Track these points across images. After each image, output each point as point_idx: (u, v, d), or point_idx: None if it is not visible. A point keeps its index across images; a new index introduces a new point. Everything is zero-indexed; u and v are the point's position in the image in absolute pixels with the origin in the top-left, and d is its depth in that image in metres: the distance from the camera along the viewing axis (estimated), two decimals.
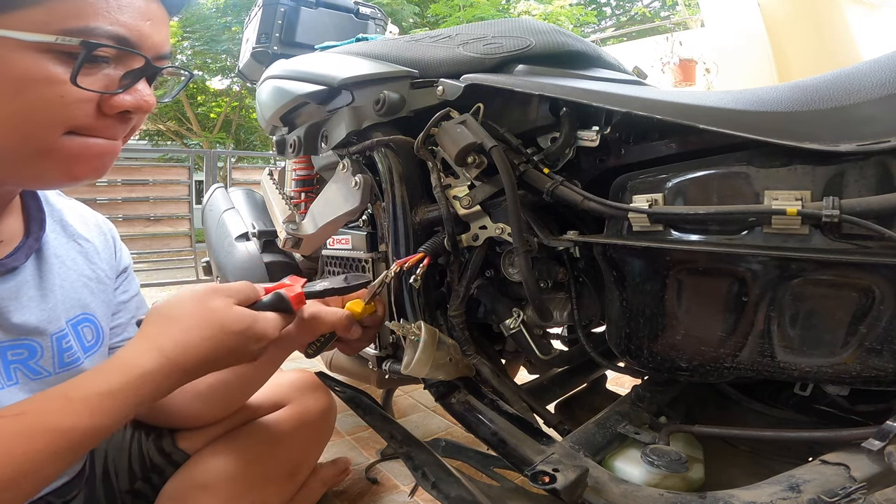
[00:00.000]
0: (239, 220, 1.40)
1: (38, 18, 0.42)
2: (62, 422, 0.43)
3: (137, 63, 0.48)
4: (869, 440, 0.45)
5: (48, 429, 0.43)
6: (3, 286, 0.54)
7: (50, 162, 0.47)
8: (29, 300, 0.57)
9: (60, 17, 0.42)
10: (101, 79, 0.46)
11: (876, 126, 0.44)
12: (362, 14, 1.35)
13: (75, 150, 0.47)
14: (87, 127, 0.47)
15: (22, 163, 0.47)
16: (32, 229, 0.59)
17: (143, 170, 4.23)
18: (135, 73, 0.48)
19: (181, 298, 0.53)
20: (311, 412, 0.86)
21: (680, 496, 0.50)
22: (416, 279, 0.68)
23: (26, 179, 0.51)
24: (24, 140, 0.45)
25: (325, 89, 0.84)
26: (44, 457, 0.42)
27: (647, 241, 0.54)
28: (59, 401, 0.44)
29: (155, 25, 0.49)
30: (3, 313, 0.54)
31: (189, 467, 0.74)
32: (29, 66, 0.42)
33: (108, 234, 0.72)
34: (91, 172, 0.49)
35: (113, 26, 0.45)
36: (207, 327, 0.52)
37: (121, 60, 0.48)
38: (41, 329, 0.57)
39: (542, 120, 0.67)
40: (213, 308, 0.53)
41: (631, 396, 0.69)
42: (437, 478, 0.58)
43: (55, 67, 0.43)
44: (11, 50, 0.42)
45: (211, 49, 8.75)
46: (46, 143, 0.46)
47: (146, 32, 0.48)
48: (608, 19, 13.20)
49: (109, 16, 0.44)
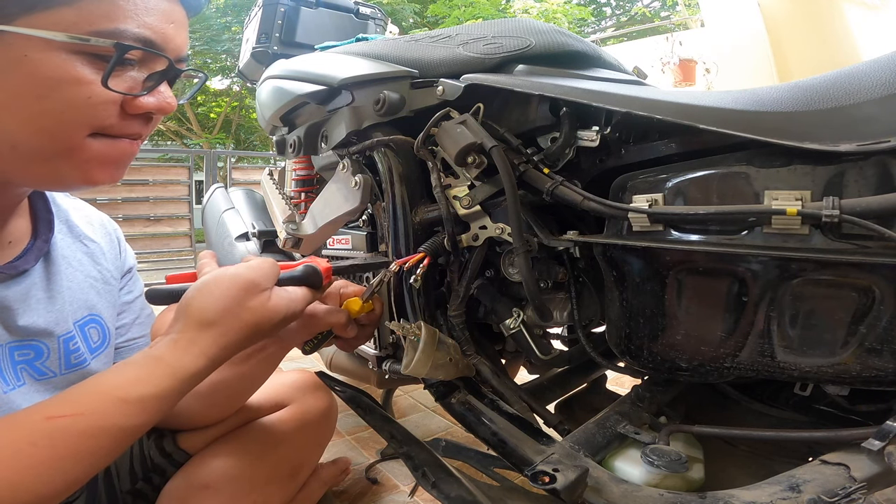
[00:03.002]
0: (239, 220, 1.40)
1: (68, 19, 0.42)
2: (122, 422, 0.45)
3: (160, 65, 0.49)
4: (869, 440, 0.45)
5: (110, 429, 0.45)
6: (12, 289, 0.54)
7: (71, 163, 0.47)
8: (37, 302, 0.57)
9: (91, 19, 0.42)
10: (127, 80, 0.46)
11: (876, 126, 0.44)
12: (362, 14, 1.35)
13: (100, 151, 0.47)
14: (111, 127, 0.47)
15: (44, 163, 0.47)
16: (41, 231, 0.59)
17: (143, 170, 4.22)
18: (158, 76, 0.48)
19: (217, 296, 0.52)
20: (313, 412, 0.86)
21: (680, 496, 0.50)
22: (416, 279, 0.68)
23: (44, 180, 0.51)
24: (49, 140, 0.45)
25: (325, 89, 0.84)
26: (104, 453, 0.45)
27: (646, 241, 0.54)
28: (116, 403, 0.46)
29: (177, 28, 0.49)
30: (11, 316, 0.54)
31: (190, 467, 0.74)
32: (58, 66, 0.42)
33: (112, 234, 0.72)
34: (108, 177, 0.50)
35: (140, 29, 0.45)
36: (246, 328, 0.53)
37: (145, 63, 0.48)
38: (49, 331, 0.57)
39: (542, 120, 0.66)
40: (252, 309, 0.53)
41: (631, 396, 0.69)
42: (437, 478, 0.58)
43: (83, 68, 0.43)
44: (41, 50, 0.41)
45: (211, 49, 8.77)
46: (72, 144, 0.46)
47: (170, 35, 0.48)
48: (608, 19, 13.21)
49: (137, 18, 0.45)
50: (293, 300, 0.57)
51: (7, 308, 0.54)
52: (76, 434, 0.43)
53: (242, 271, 0.55)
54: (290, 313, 0.57)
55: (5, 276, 0.54)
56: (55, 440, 0.42)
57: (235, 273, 0.54)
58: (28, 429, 0.42)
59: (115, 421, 0.45)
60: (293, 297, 0.57)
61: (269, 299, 0.55)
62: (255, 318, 0.53)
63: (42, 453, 0.42)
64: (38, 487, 0.41)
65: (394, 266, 0.68)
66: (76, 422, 0.43)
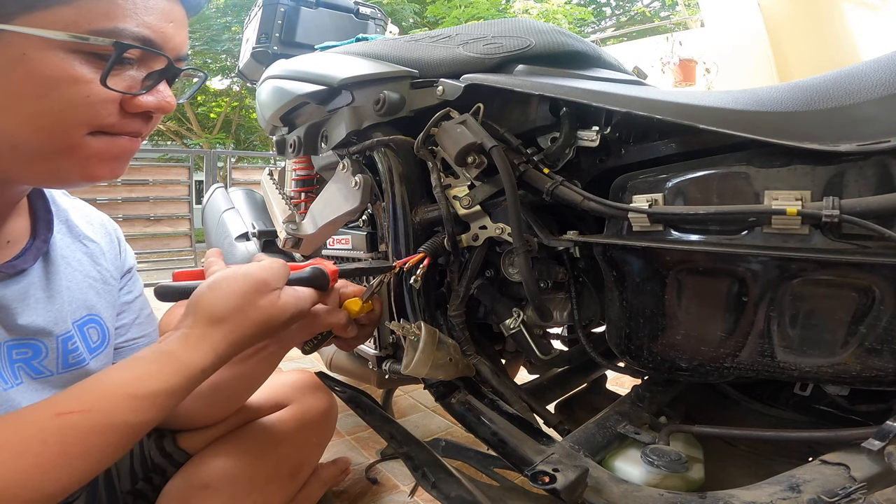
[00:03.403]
0: (239, 220, 1.40)
1: (67, 18, 0.42)
2: (131, 418, 0.46)
3: (159, 64, 0.49)
4: (869, 440, 0.45)
5: (119, 425, 0.45)
6: (11, 288, 0.54)
7: (71, 160, 0.47)
8: (36, 302, 0.57)
9: (90, 18, 0.42)
10: (126, 79, 0.46)
11: (876, 126, 0.44)
12: (362, 14, 1.35)
13: (99, 149, 0.47)
14: (111, 126, 0.47)
15: (44, 161, 0.47)
16: (40, 230, 0.59)
17: (143, 170, 4.23)
18: (157, 75, 0.48)
19: (227, 292, 0.53)
20: (313, 412, 0.86)
21: (680, 496, 0.50)
22: (416, 280, 0.68)
23: (44, 178, 0.51)
24: (49, 139, 0.45)
25: (325, 89, 0.84)
26: (112, 450, 0.45)
27: (646, 241, 0.54)
28: (126, 399, 0.46)
29: (176, 27, 0.49)
30: (10, 315, 0.54)
31: (190, 467, 0.74)
32: (57, 65, 0.42)
33: (112, 234, 0.72)
34: (108, 173, 0.50)
35: (139, 28, 0.45)
36: (255, 326, 0.54)
37: (144, 62, 0.48)
38: (47, 330, 0.57)
39: (542, 120, 0.66)
40: (262, 307, 0.54)
41: (631, 396, 0.69)
42: (437, 478, 0.58)
43: (81, 67, 0.43)
44: (39, 49, 0.41)
45: (211, 49, 8.76)
46: (71, 142, 0.46)
47: (169, 34, 0.48)
48: (608, 19, 13.20)
49: (136, 17, 0.45)
50: (301, 299, 0.58)
51: (5, 307, 0.53)
52: (85, 430, 0.43)
53: (254, 270, 0.55)
54: (298, 312, 0.58)
55: (4, 275, 0.53)
56: (65, 437, 0.42)
57: (247, 272, 0.55)
58: (38, 426, 0.42)
59: (124, 417, 0.45)
60: (301, 296, 0.58)
61: (279, 298, 0.56)
62: (265, 317, 0.54)
63: (51, 450, 0.42)
64: (45, 485, 0.41)
65: (398, 266, 0.68)
66: (86, 418, 0.43)
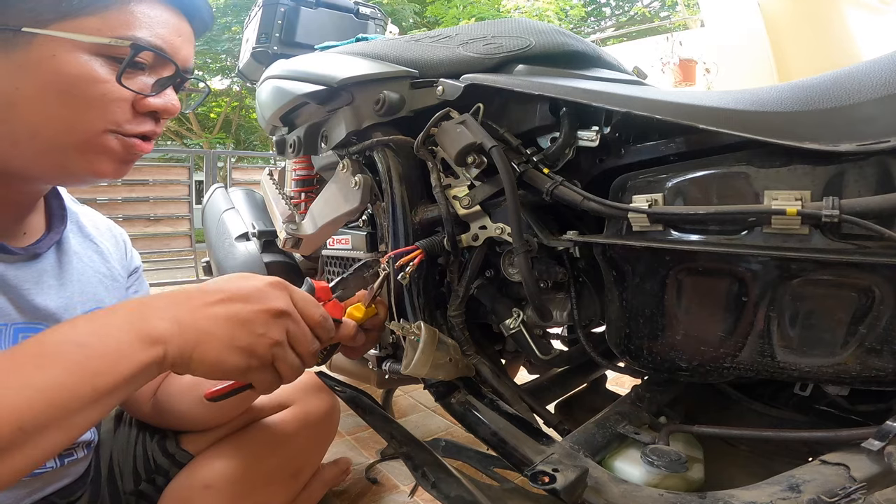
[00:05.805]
0: (239, 220, 1.40)
1: (92, 25, 0.49)
2: None
3: (168, 71, 0.55)
4: (869, 440, 0.45)
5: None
6: (26, 269, 0.58)
7: (83, 155, 0.52)
8: (48, 287, 0.60)
9: (112, 26, 0.49)
10: (138, 82, 0.53)
11: (876, 126, 0.44)
12: (362, 14, 1.35)
13: (110, 147, 0.52)
14: (124, 123, 0.52)
15: (57, 153, 0.51)
16: (54, 224, 0.63)
17: (143, 170, 4.21)
18: (165, 80, 0.55)
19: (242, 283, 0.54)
20: (315, 413, 0.86)
21: (680, 496, 0.50)
22: (404, 276, 0.67)
23: (53, 171, 0.54)
24: (66, 131, 0.50)
25: (325, 89, 0.84)
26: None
27: (646, 241, 0.54)
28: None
29: (184, 41, 0.56)
30: (23, 295, 0.57)
31: (192, 468, 0.74)
32: (81, 65, 0.49)
33: (119, 238, 0.76)
34: (113, 172, 0.54)
35: (153, 37, 0.52)
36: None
37: (154, 69, 0.54)
38: (57, 316, 0.59)
39: (541, 120, 0.66)
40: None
41: (631, 396, 0.69)
42: (437, 478, 0.58)
43: (101, 68, 0.50)
44: (67, 51, 0.48)
45: (211, 49, 8.77)
46: (87, 136, 0.51)
47: (177, 46, 0.55)
48: (608, 19, 13.20)
49: (150, 28, 0.52)
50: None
51: (20, 287, 0.56)
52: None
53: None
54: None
55: (20, 256, 0.57)
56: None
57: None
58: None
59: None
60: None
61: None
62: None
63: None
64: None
65: (386, 258, 0.68)
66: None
